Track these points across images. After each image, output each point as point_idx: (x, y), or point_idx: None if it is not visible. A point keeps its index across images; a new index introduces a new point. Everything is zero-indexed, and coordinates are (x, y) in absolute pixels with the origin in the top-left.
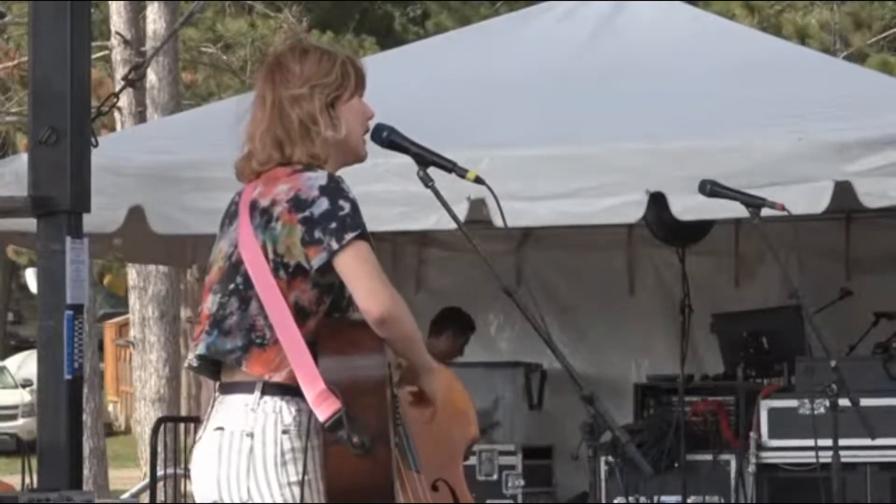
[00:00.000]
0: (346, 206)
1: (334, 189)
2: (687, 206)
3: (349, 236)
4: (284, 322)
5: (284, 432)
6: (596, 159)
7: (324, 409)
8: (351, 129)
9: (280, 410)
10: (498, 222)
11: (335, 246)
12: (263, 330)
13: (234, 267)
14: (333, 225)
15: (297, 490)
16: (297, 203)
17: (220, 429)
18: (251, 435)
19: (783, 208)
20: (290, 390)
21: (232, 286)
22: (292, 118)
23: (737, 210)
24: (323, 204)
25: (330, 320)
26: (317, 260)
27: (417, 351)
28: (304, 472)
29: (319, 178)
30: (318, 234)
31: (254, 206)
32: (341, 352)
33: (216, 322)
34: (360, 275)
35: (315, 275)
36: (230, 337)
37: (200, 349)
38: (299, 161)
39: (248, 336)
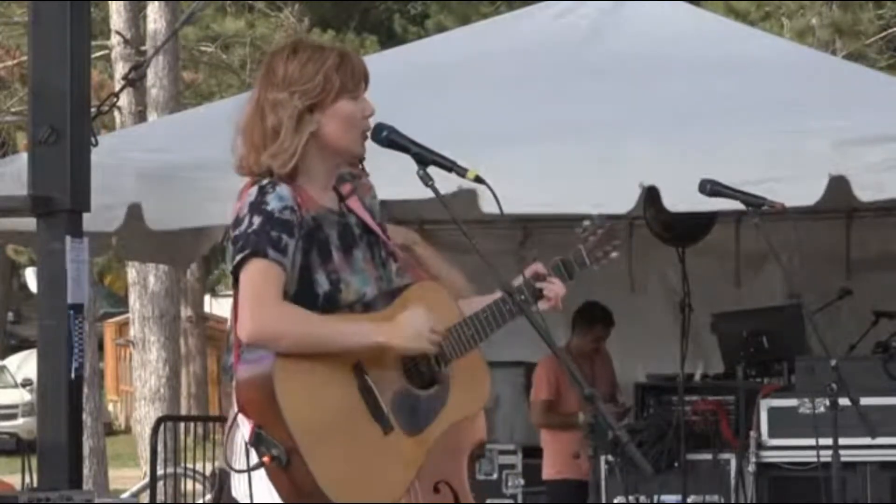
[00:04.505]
0: (256, 222)
1: (257, 204)
2: (683, 200)
3: (239, 257)
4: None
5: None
6: (593, 156)
7: (245, 427)
8: (335, 135)
9: None
10: (490, 209)
11: (232, 266)
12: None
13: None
14: (240, 243)
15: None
16: (235, 222)
17: None
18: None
19: (783, 208)
20: None
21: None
22: (268, 124)
23: (732, 204)
24: (245, 222)
25: None
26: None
27: (339, 346)
28: (249, 469)
29: (252, 193)
30: (235, 252)
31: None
32: (245, 370)
33: (227, 338)
34: (240, 298)
35: None
36: (230, 353)
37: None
38: (260, 171)
39: (235, 351)
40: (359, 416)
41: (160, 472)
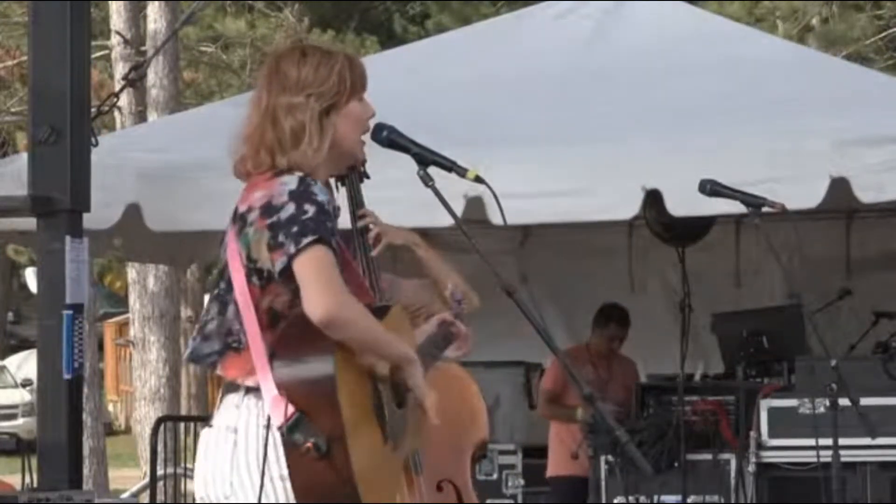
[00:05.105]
0: (311, 210)
1: (302, 193)
2: (684, 203)
3: (305, 241)
4: (252, 328)
5: (267, 427)
6: (594, 157)
7: (278, 413)
8: (345, 135)
9: (262, 406)
10: (497, 220)
11: (292, 250)
12: (238, 335)
13: (221, 272)
14: (295, 229)
15: (279, 484)
16: (268, 209)
17: (211, 426)
18: (235, 430)
19: (783, 209)
20: None
21: (216, 291)
22: (284, 127)
23: (733, 207)
24: (290, 209)
25: (293, 321)
26: (278, 264)
27: (382, 348)
28: (263, 469)
29: (291, 182)
30: (281, 238)
31: (235, 211)
32: (294, 354)
33: (201, 327)
34: (307, 280)
35: (281, 279)
36: (209, 342)
37: (185, 354)
38: (281, 169)
39: (224, 340)
40: (372, 419)
41: (160, 472)
